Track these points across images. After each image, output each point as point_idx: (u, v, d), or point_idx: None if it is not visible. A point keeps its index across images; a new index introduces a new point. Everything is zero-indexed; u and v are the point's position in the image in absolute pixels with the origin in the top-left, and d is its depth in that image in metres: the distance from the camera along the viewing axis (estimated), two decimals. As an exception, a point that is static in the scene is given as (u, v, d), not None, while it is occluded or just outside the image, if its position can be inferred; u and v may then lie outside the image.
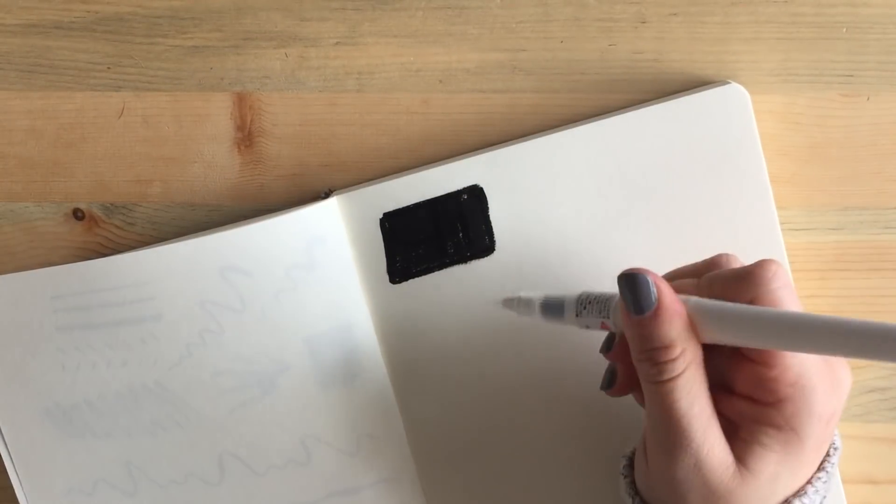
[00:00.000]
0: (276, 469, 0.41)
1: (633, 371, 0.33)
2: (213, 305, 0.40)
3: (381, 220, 0.41)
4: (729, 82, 0.41)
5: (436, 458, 0.42)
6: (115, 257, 0.40)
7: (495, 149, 0.41)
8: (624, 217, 0.41)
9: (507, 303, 0.39)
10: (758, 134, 0.40)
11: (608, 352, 0.35)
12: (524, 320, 0.38)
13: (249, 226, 0.40)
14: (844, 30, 0.41)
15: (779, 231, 0.41)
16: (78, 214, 0.43)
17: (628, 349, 0.33)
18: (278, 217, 0.40)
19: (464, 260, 0.41)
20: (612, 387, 0.35)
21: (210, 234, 0.40)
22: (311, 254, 0.40)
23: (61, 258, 0.43)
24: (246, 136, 0.42)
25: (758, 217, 0.40)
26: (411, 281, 0.41)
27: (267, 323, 0.40)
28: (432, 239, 0.41)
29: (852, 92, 0.41)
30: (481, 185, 0.41)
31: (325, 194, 0.42)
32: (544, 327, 0.40)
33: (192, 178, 0.43)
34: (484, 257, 0.41)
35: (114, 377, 0.41)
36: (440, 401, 0.42)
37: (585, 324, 0.35)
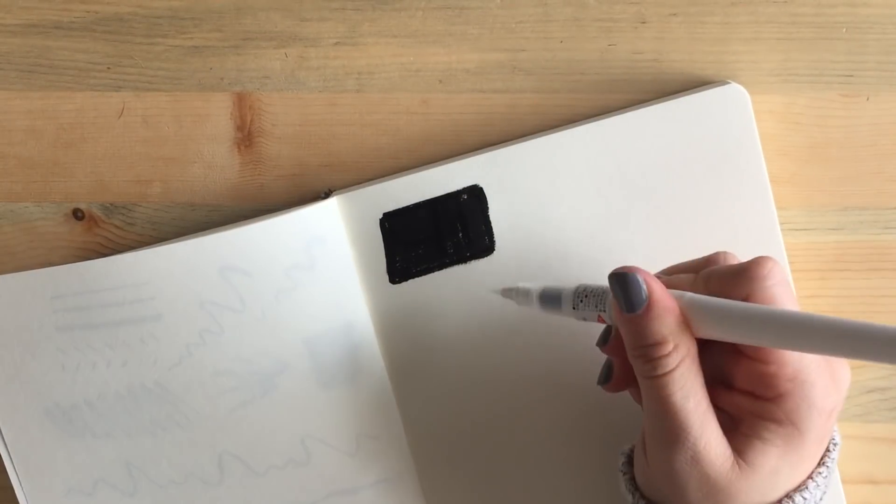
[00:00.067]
0: (275, 469, 0.41)
1: (629, 366, 0.33)
2: (213, 305, 0.40)
3: (380, 220, 0.41)
4: (729, 82, 0.41)
5: (436, 457, 0.42)
6: (115, 257, 0.40)
7: (495, 149, 0.41)
8: (624, 217, 0.41)
9: (506, 292, 0.39)
10: (758, 134, 0.40)
11: (605, 345, 0.36)
12: (524, 320, 0.38)
13: (249, 226, 0.40)
14: (844, 30, 0.41)
15: (779, 231, 0.41)
16: (78, 214, 0.43)
17: (624, 344, 0.33)
18: (278, 217, 0.40)
19: (464, 260, 0.41)
20: (608, 382, 0.36)
21: (210, 234, 0.40)
22: (310, 254, 0.40)
23: (61, 258, 0.43)
24: (246, 136, 0.42)
25: (758, 217, 0.40)
26: (411, 281, 0.41)
27: (267, 323, 0.40)
28: (432, 239, 0.41)
29: (852, 92, 0.41)
30: (481, 185, 0.41)
31: (325, 194, 0.42)
32: (544, 326, 0.40)
33: (192, 178, 0.43)
34: (484, 257, 0.41)
35: (114, 377, 0.41)
36: (440, 401, 0.42)
37: (582, 316, 0.35)
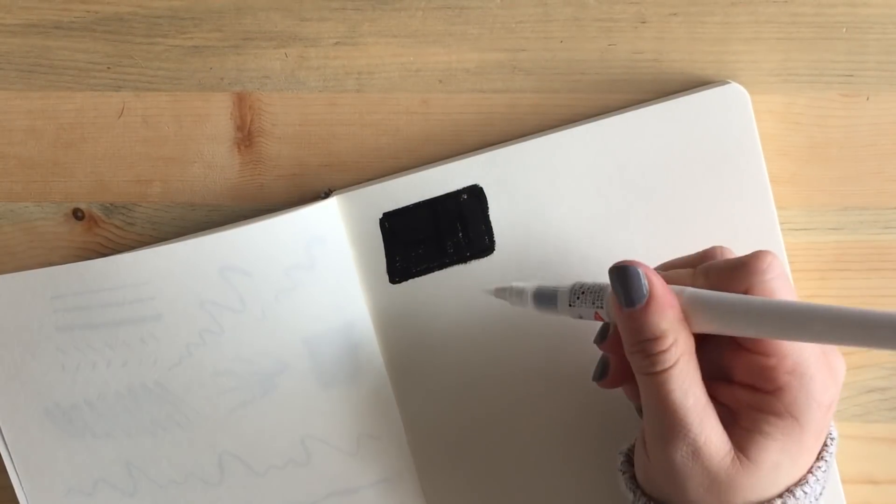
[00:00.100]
0: (275, 469, 0.41)
1: (625, 363, 0.33)
2: (213, 305, 0.40)
3: (380, 219, 0.41)
4: (729, 82, 0.41)
5: (436, 457, 0.42)
6: (115, 257, 0.40)
7: (495, 149, 0.41)
8: (624, 217, 0.41)
9: (500, 292, 0.38)
10: (758, 134, 0.40)
11: (602, 342, 0.35)
12: (523, 320, 0.38)
13: (249, 226, 0.40)
14: (844, 30, 0.41)
15: (779, 231, 0.41)
16: (78, 214, 0.43)
17: (622, 340, 0.33)
18: (278, 217, 0.40)
19: (464, 260, 0.41)
20: (603, 378, 0.35)
21: (210, 234, 0.40)
22: (310, 254, 0.40)
23: (61, 258, 0.43)
24: (246, 136, 0.42)
25: (758, 217, 0.40)
26: (411, 281, 0.41)
27: (267, 323, 0.40)
28: (432, 239, 0.41)
29: (852, 92, 0.41)
30: (481, 185, 0.41)
31: (325, 194, 0.42)
32: (543, 326, 0.40)
33: (192, 178, 0.43)
34: (484, 257, 0.41)
35: (114, 377, 0.41)
36: (440, 400, 0.42)
37: (578, 314, 0.35)
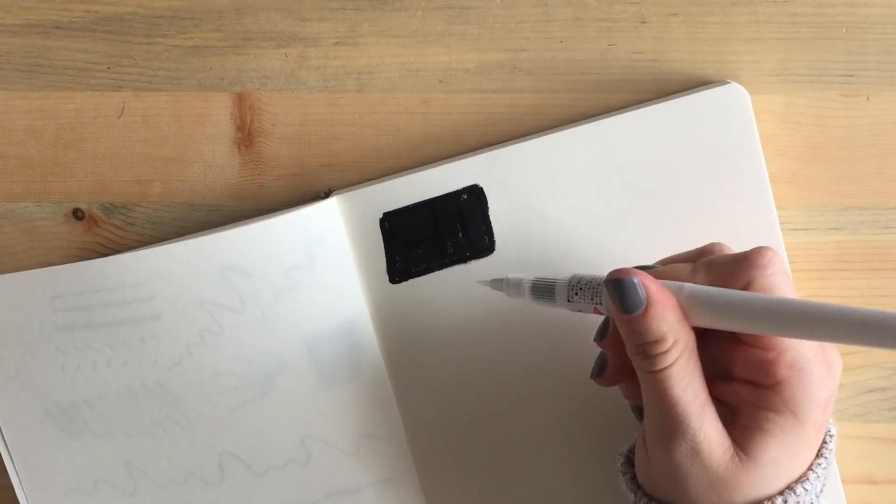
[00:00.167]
0: (275, 469, 0.41)
1: (623, 360, 0.33)
2: (213, 305, 0.40)
3: (380, 219, 0.41)
4: (729, 82, 0.40)
5: (436, 457, 0.42)
6: (115, 257, 0.40)
7: (495, 149, 0.41)
8: (624, 217, 0.41)
9: (496, 283, 0.38)
10: (758, 134, 0.40)
11: (602, 340, 0.35)
12: (523, 319, 0.38)
13: (249, 226, 0.40)
14: (844, 30, 0.41)
15: (779, 231, 0.41)
16: (78, 214, 0.43)
17: (621, 338, 0.33)
18: (278, 217, 0.40)
19: (464, 260, 0.41)
20: (601, 375, 0.35)
21: (210, 234, 0.40)
22: (310, 254, 0.40)
23: (61, 258, 0.43)
24: (246, 136, 0.42)
25: (758, 217, 0.40)
26: (411, 281, 0.41)
27: (267, 323, 0.40)
28: (432, 239, 0.41)
29: (852, 92, 0.41)
30: (481, 185, 0.41)
31: (325, 194, 0.42)
32: (543, 325, 0.40)
33: (192, 178, 0.43)
34: (484, 257, 0.41)
35: (114, 377, 0.41)
36: (440, 400, 0.41)
37: (577, 308, 0.35)
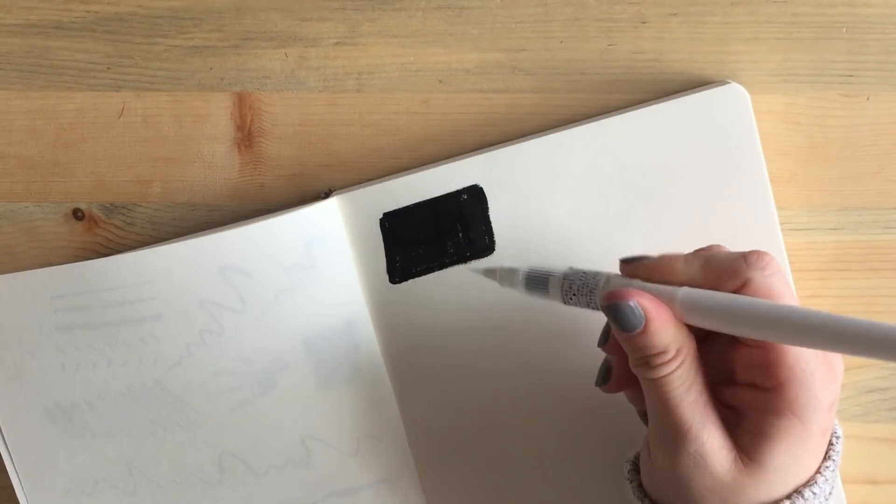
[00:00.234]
0: (275, 469, 0.41)
1: (628, 366, 0.33)
2: (213, 305, 0.40)
3: (381, 219, 0.41)
4: (729, 82, 0.40)
5: (436, 457, 0.42)
6: (115, 257, 0.40)
7: (495, 149, 0.41)
8: (624, 217, 0.41)
9: (489, 273, 0.37)
10: (758, 134, 0.40)
11: (605, 344, 0.35)
12: (524, 319, 0.38)
13: (249, 226, 0.40)
14: (844, 30, 0.41)
15: (779, 231, 0.41)
16: (78, 214, 0.43)
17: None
18: (278, 217, 0.40)
19: (464, 260, 0.41)
20: (606, 382, 0.35)
21: (210, 234, 0.40)
22: (310, 254, 0.40)
23: (61, 258, 0.43)
24: (246, 136, 0.42)
25: (758, 217, 0.40)
26: (411, 281, 0.41)
27: (267, 323, 0.40)
28: (432, 239, 0.41)
29: (852, 92, 0.41)
30: (481, 185, 0.41)
31: (325, 194, 0.42)
32: (544, 325, 0.40)
33: (192, 178, 0.43)
34: (484, 257, 0.41)
35: (114, 377, 0.41)
36: (440, 400, 0.41)
37: (573, 304, 0.35)
